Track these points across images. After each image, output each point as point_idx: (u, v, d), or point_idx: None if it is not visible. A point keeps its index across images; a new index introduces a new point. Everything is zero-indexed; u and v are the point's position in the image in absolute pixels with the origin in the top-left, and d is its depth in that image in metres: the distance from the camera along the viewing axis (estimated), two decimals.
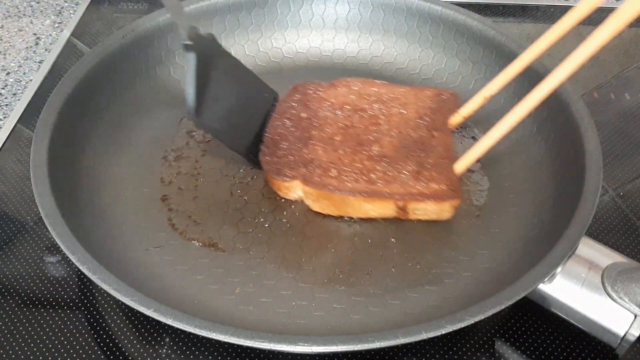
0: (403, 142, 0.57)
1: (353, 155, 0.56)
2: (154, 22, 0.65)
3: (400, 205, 0.53)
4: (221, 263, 0.52)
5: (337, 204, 0.54)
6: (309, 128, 0.59)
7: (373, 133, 0.58)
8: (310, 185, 0.54)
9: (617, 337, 0.46)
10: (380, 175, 0.55)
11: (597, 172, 0.51)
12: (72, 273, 0.53)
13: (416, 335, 0.41)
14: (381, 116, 0.60)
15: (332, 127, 0.59)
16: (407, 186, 0.54)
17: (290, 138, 0.58)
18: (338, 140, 0.58)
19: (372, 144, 0.57)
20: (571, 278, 0.47)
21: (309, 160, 0.56)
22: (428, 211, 0.54)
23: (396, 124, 0.59)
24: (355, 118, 0.60)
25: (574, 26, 0.54)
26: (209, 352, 0.48)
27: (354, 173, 0.55)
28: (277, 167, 0.56)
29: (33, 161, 0.51)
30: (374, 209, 0.54)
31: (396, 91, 0.63)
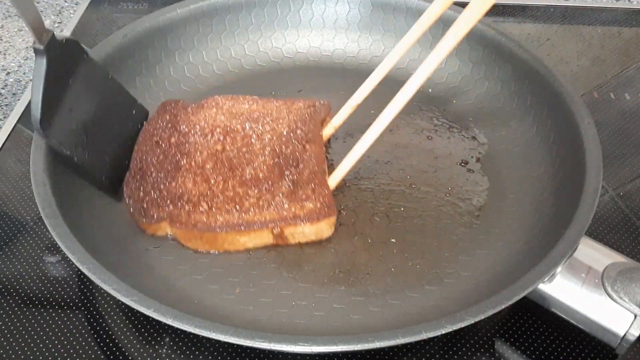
0: (275, 160, 0.55)
1: (225, 183, 0.53)
2: (154, 22, 0.65)
3: (277, 233, 0.51)
4: (221, 263, 0.52)
5: (210, 241, 0.51)
6: (178, 156, 0.55)
7: (246, 155, 0.55)
8: (178, 226, 0.51)
9: (617, 337, 0.46)
10: (253, 201, 0.52)
11: (597, 172, 0.51)
12: (72, 273, 0.53)
13: (416, 335, 0.41)
14: (253, 135, 0.57)
15: (203, 153, 0.56)
16: (282, 210, 0.52)
17: (159, 168, 0.54)
18: (209, 167, 0.54)
19: (245, 168, 0.54)
20: (571, 278, 0.47)
21: (178, 195, 0.52)
22: (306, 234, 0.52)
23: (268, 142, 0.57)
24: (227, 141, 0.57)
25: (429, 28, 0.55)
26: (209, 352, 0.48)
27: (226, 203, 0.52)
28: (141, 205, 0.52)
29: (33, 161, 0.51)
30: (250, 240, 0.52)
31: (268, 106, 0.60)
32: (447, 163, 0.60)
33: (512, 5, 0.85)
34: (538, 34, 0.82)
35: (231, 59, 0.69)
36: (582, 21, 0.84)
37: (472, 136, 0.63)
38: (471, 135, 0.63)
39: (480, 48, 0.66)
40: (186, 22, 0.67)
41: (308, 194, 0.53)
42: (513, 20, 0.84)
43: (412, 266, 0.52)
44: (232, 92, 0.66)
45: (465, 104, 0.66)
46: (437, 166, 0.60)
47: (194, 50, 0.68)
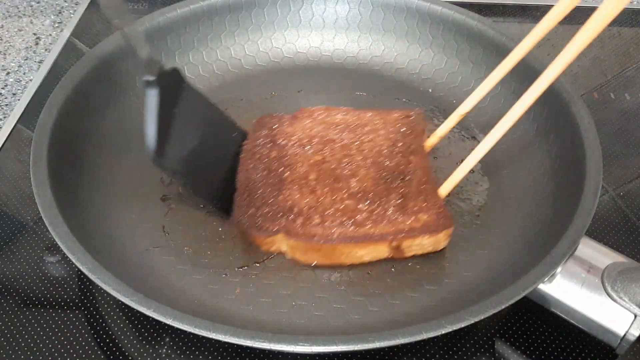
0: (381, 173, 0.55)
1: (332, 195, 0.53)
2: (154, 22, 0.65)
3: (394, 245, 0.51)
4: (221, 264, 0.52)
5: (328, 254, 0.51)
6: (280, 169, 0.55)
7: (348, 165, 0.55)
8: (295, 237, 0.50)
9: (617, 337, 0.46)
10: (366, 215, 0.51)
11: (597, 172, 0.51)
12: (72, 273, 0.53)
13: (416, 335, 0.41)
14: (352, 146, 0.57)
15: (304, 164, 0.55)
16: (397, 223, 0.51)
17: (264, 183, 0.54)
18: (313, 179, 0.54)
19: (350, 179, 0.54)
20: (571, 278, 0.47)
21: (288, 208, 0.52)
22: (424, 246, 0.51)
23: (369, 153, 0.56)
24: (326, 151, 0.56)
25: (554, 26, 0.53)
26: (209, 352, 0.48)
27: (339, 217, 0.51)
28: (255, 221, 0.52)
29: (33, 161, 0.51)
30: (367, 253, 0.51)
31: (362, 117, 0.60)
32: (447, 163, 0.60)
33: (512, 5, 0.85)
34: None
35: (231, 59, 0.69)
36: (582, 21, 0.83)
37: (472, 136, 0.63)
38: (471, 135, 0.63)
39: (480, 48, 0.66)
40: (186, 22, 0.67)
41: (420, 205, 0.52)
42: (513, 20, 0.84)
43: (412, 266, 0.52)
44: (232, 92, 0.66)
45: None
46: (437, 166, 0.60)
47: (194, 50, 0.68)
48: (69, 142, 0.55)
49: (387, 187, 0.53)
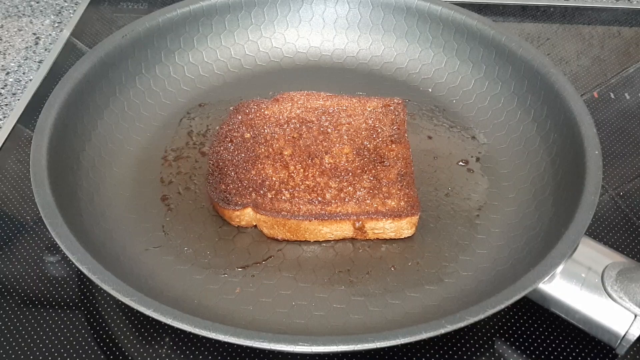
0: (358, 152, 0.56)
1: (304, 171, 0.54)
2: (154, 22, 0.65)
3: (358, 226, 0.52)
4: (221, 264, 0.52)
5: (293, 229, 0.52)
6: (254, 147, 0.57)
7: (323, 143, 0.57)
8: (263, 212, 0.52)
9: (617, 337, 0.46)
10: (335, 193, 0.53)
11: (597, 172, 0.51)
12: (72, 273, 0.53)
13: (416, 335, 0.41)
14: (330, 127, 0.58)
15: (280, 140, 0.57)
16: (363, 204, 0.52)
17: (236, 161, 0.56)
18: (287, 154, 0.56)
19: (324, 155, 0.55)
20: (571, 278, 0.47)
21: (259, 183, 0.54)
22: (386, 230, 0.52)
23: (346, 134, 0.58)
24: (303, 130, 0.58)
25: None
26: (209, 352, 0.48)
27: (307, 193, 0.53)
28: (225, 195, 0.53)
29: (33, 161, 0.51)
30: (331, 231, 0.52)
31: (342, 103, 0.61)
32: (447, 163, 0.60)
33: (512, 5, 0.85)
34: (538, 34, 0.82)
35: (231, 59, 0.69)
36: (582, 21, 0.84)
37: (472, 136, 0.63)
38: (471, 135, 0.63)
39: (480, 48, 0.66)
40: (186, 22, 0.67)
41: (392, 192, 0.53)
42: (513, 20, 0.84)
43: (412, 266, 0.52)
44: (232, 92, 0.66)
45: (465, 104, 0.66)
46: (437, 166, 0.60)
47: (194, 50, 0.68)
48: (69, 142, 0.55)
49: (361, 167, 0.55)
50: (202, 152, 0.60)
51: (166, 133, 0.62)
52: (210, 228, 0.54)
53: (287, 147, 0.56)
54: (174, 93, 0.66)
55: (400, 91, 0.67)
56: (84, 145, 0.57)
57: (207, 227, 0.54)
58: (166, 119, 0.64)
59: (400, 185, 0.54)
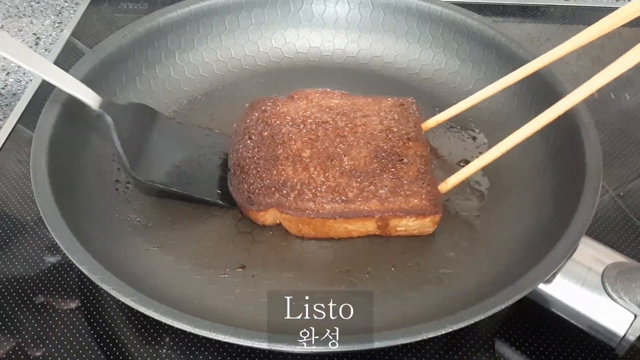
0: (375, 153, 0.56)
1: (325, 172, 0.54)
2: (154, 22, 0.65)
3: (381, 223, 0.52)
4: (221, 264, 0.52)
5: (317, 227, 0.52)
6: (273, 146, 0.57)
7: (340, 145, 0.57)
8: (287, 211, 0.52)
9: (617, 337, 0.46)
10: (357, 192, 0.53)
11: (597, 172, 0.51)
12: (72, 273, 0.53)
13: (416, 335, 0.41)
14: (346, 128, 0.58)
15: (298, 142, 0.57)
16: (387, 202, 0.53)
17: (257, 161, 0.56)
18: (306, 156, 0.56)
19: (342, 158, 0.56)
20: (571, 278, 0.47)
21: (281, 183, 0.54)
22: (409, 227, 0.53)
23: (363, 135, 0.58)
24: (319, 131, 0.58)
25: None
26: (209, 352, 0.48)
27: (330, 193, 0.53)
28: (249, 195, 0.54)
29: (33, 161, 0.51)
30: (356, 229, 0.53)
31: (357, 102, 0.61)
32: (447, 163, 0.60)
33: (512, 5, 0.85)
34: (538, 34, 0.82)
35: (231, 59, 0.69)
36: (582, 21, 0.84)
37: (472, 136, 0.63)
38: (471, 135, 0.63)
39: (480, 48, 0.66)
40: (186, 22, 0.67)
41: (414, 190, 0.54)
42: (513, 20, 0.84)
43: (412, 266, 0.52)
44: (232, 92, 0.66)
45: None
46: (437, 166, 0.60)
47: (194, 50, 0.68)
48: (69, 142, 0.55)
49: (380, 166, 0.55)
50: None
51: None
52: (210, 228, 0.54)
53: (306, 148, 0.56)
54: (174, 93, 0.66)
55: (401, 91, 0.67)
56: (84, 145, 0.57)
57: (207, 227, 0.54)
58: None
59: (422, 183, 0.54)
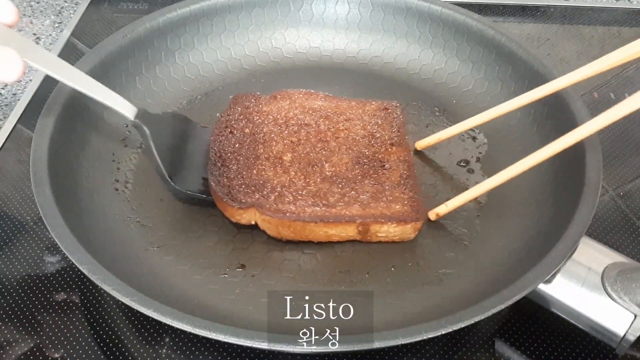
0: (357, 160, 0.56)
1: (305, 178, 0.54)
2: (154, 22, 0.65)
3: (362, 229, 0.52)
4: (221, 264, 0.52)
5: (297, 230, 0.51)
6: (254, 145, 0.56)
7: (322, 151, 0.56)
8: (267, 213, 0.51)
9: (617, 337, 0.46)
10: (338, 197, 0.53)
11: (597, 172, 0.51)
12: (72, 273, 0.53)
13: (416, 335, 0.41)
14: (328, 133, 0.58)
15: (279, 144, 0.56)
16: (368, 207, 0.52)
17: (238, 157, 0.55)
18: (287, 159, 0.55)
19: (324, 163, 0.55)
20: (571, 278, 0.47)
21: (261, 183, 0.53)
22: (390, 233, 0.52)
23: (345, 140, 0.58)
24: (302, 134, 0.57)
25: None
26: (209, 352, 0.48)
27: (311, 197, 0.52)
28: (229, 191, 0.53)
29: (33, 161, 0.51)
30: (336, 233, 0.52)
31: (340, 105, 0.61)
32: (447, 163, 0.60)
33: (512, 5, 0.85)
34: (538, 34, 0.82)
35: (231, 59, 0.69)
36: (582, 21, 0.84)
37: (472, 136, 0.63)
38: (471, 135, 0.63)
39: (480, 48, 0.66)
40: (186, 22, 0.67)
41: (396, 195, 0.53)
42: (513, 20, 0.84)
43: (412, 266, 0.52)
44: (231, 92, 0.66)
45: (465, 104, 0.66)
46: (437, 166, 0.60)
47: (194, 50, 0.68)
48: (69, 142, 0.55)
49: (362, 172, 0.55)
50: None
51: None
52: (210, 228, 0.54)
53: (287, 152, 0.56)
54: (174, 93, 0.66)
55: (400, 92, 0.67)
56: (84, 145, 0.57)
57: (207, 227, 0.54)
58: None
59: (404, 189, 0.54)
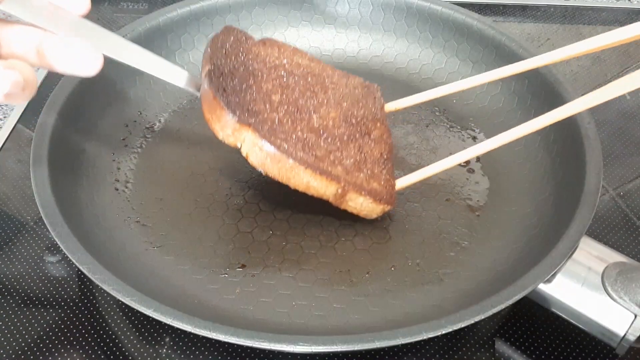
0: (345, 118, 0.54)
1: (293, 123, 0.51)
2: (154, 22, 0.65)
3: (340, 192, 0.50)
4: (221, 264, 0.52)
5: (283, 170, 0.48)
6: (246, 75, 0.52)
7: (310, 100, 0.53)
8: (264, 139, 0.47)
9: (617, 337, 0.46)
10: (325, 153, 0.50)
11: (597, 172, 0.51)
12: (72, 273, 0.53)
13: (416, 335, 0.41)
14: (317, 86, 0.55)
15: (268, 83, 0.52)
16: (350, 174, 0.51)
17: (233, 78, 0.51)
18: (276, 100, 0.51)
19: (312, 113, 0.52)
20: (571, 278, 0.47)
21: (255, 111, 0.49)
22: (361, 206, 0.51)
23: (334, 97, 0.55)
24: (290, 81, 0.54)
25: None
26: (209, 352, 0.48)
27: (300, 142, 0.49)
28: (226, 95, 0.48)
29: (33, 161, 0.51)
30: (317, 187, 0.49)
31: (326, 69, 0.59)
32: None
33: (512, 5, 0.85)
34: (538, 34, 0.82)
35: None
36: (582, 21, 0.84)
37: (472, 136, 0.63)
38: (471, 135, 0.63)
39: (480, 48, 0.66)
40: (186, 22, 0.67)
41: (375, 172, 0.52)
42: (513, 20, 0.84)
43: (412, 266, 0.52)
44: None
45: (465, 104, 0.66)
46: None
47: (194, 50, 0.68)
48: (69, 142, 0.55)
49: (348, 133, 0.53)
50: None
51: None
52: (210, 228, 0.54)
53: (276, 92, 0.52)
54: (174, 93, 0.65)
55: (401, 91, 0.67)
56: (84, 145, 0.57)
57: (207, 227, 0.54)
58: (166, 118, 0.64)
59: (382, 169, 0.53)
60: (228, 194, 0.57)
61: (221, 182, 0.58)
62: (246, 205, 0.56)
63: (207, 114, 0.49)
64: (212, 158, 0.60)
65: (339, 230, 0.54)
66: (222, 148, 0.58)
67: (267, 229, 0.54)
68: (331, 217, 0.55)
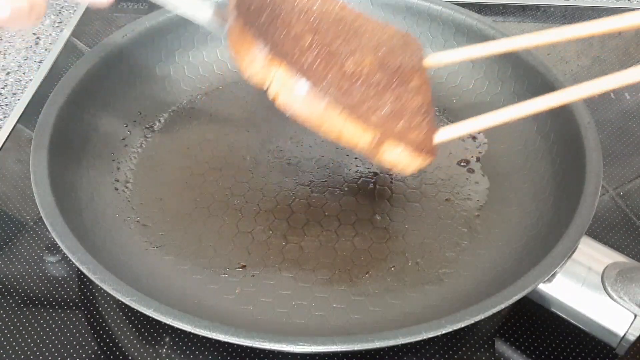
0: (380, 64, 0.49)
1: (326, 68, 0.46)
2: (154, 22, 0.65)
3: (377, 140, 0.45)
4: (221, 263, 0.52)
5: (316, 111, 0.44)
6: (274, 16, 0.48)
7: (344, 45, 0.50)
8: (300, 76, 0.44)
9: (617, 337, 0.46)
10: (360, 100, 0.46)
11: (597, 172, 0.51)
12: (72, 273, 0.53)
13: (416, 335, 0.41)
14: (350, 31, 0.51)
15: (297, 27, 0.48)
16: (388, 123, 0.46)
17: (261, 14, 0.47)
18: (306, 43, 0.47)
19: (345, 58, 0.48)
20: (571, 278, 0.47)
21: (285, 51, 0.45)
22: (399, 157, 0.46)
23: (369, 42, 0.51)
24: (321, 25, 0.50)
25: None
26: (209, 352, 0.48)
27: (334, 87, 0.45)
28: (260, 28, 0.45)
29: (33, 161, 0.51)
30: (351, 134, 0.45)
31: (361, 17, 0.54)
32: (447, 163, 0.60)
33: (512, 5, 0.85)
34: None
35: (231, 58, 0.69)
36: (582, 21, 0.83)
37: (472, 136, 0.63)
38: (471, 135, 0.63)
39: None
40: (186, 22, 0.66)
41: (415, 122, 0.47)
42: (513, 20, 0.84)
43: (412, 266, 0.52)
44: (232, 92, 0.66)
45: (465, 104, 0.66)
46: (436, 166, 0.60)
47: (194, 50, 0.68)
48: (69, 142, 0.55)
49: (385, 80, 0.49)
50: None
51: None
52: (210, 228, 0.54)
53: (306, 36, 0.48)
54: (174, 93, 0.66)
55: None
56: (84, 145, 0.57)
57: (207, 227, 0.54)
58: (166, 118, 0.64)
59: (423, 119, 0.48)
60: (228, 194, 0.57)
61: (221, 182, 0.58)
62: (246, 205, 0.56)
63: (234, 48, 0.45)
64: (212, 158, 0.60)
65: (339, 230, 0.54)
66: (222, 148, 0.58)
67: (267, 229, 0.54)
68: (331, 217, 0.55)
